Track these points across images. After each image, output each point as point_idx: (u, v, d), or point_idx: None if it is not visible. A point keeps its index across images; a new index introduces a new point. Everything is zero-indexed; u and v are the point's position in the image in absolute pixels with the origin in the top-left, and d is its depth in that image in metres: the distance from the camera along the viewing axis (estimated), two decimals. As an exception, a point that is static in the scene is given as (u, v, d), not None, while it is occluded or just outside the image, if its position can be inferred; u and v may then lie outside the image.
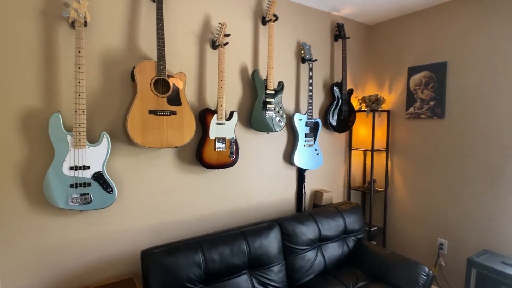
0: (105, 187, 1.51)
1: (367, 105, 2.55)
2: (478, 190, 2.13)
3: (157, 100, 1.59)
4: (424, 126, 2.42)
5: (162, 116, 1.60)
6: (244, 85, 2.05)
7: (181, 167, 1.82)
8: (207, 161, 1.81)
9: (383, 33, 2.71)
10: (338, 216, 2.21)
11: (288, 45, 2.26)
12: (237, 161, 1.94)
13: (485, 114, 2.08)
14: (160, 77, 1.59)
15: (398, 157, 2.63)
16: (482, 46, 2.09)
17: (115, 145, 1.61)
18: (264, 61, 2.14)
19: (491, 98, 2.05)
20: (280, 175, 2.29)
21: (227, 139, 1.88)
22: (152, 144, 1.58)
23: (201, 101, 1.87)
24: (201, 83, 1.87)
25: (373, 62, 2.80)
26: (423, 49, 2.41)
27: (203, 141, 1.80)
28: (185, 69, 1.81)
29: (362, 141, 2.69)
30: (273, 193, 2.27)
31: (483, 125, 2.09)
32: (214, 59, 1.91)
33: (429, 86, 2.37)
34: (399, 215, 2.65)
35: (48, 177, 1.38)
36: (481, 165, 2.11)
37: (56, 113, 1.38)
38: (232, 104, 2.01)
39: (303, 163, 2.30)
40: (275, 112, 2.08)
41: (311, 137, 2.32)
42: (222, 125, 1.85)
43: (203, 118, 1.80)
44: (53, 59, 1.43)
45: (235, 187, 2.06)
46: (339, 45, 2.60)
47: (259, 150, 2.16)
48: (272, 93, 2.07)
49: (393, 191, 2.70)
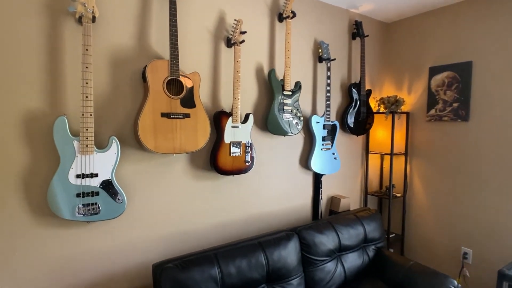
0: (114, 196, 1.39)
1: (386, 106, 2.43)
2: (506, 196, 2.01)
3: (170, 102, 1.48)
4: (447, 128, 2.29)
5: (175, 119, 1.49)
6: (260, 86, 1.93)
7: (194, 173, 1.71)
8: (222, 167, 1.70)
9: (401, 31, 2.59)
10: (357, 224, 2.09)
11: (304, 43, 2.14)
12: (252, 166, 1.82)
13: (515, 117, 1.95)
14: (173, 77, 1.48)
15: (418, 161, 2.51)
16: (510, 45, 1.96)
17: (124, 151, 1.49)
18: (280, 61, 2.02)
19: (523, 99, 1.92)
20: (296, 180, 2.17)
21: (243, 143, 1.76)
22: (165, 150, 1.46)
23: (215, 103, 1.76)
24: (215, 84, 1.75)
25: (391, 62, 2.68)
26: (445, 48, 2.29)
27: (218, 145, 1.68)
28: (199, 68, 1.69)
29: (379, 144, 2.56)
30: (289, 199, 2.15)
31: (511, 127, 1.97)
32: (229, 58, 1.79)
33: (452, 87, 2.24)
34: (418, 221, 2.53)
35: (53, 186, 1.26)
36: (509, 170, 1.98)
37: (61, 117, 1.27)
38: (247, 106, 1.89)
39: (320, 167, 2.18)
40: (292, 114, 1.97)
41: (329, 140, 2.20)
42: (237, 128, 1.73)
43: (217, 121, 1.68)
44: (58, 58, 1.32)
45: (250, 194, 1.94)
46: (357, 44, 2.48)
47: (274, 154, 2.04)
48: (289, 94, 1.95)
49: (412, 197, 2.57)
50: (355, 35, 2.41)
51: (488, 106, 2.08)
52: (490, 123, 2.07)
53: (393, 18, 2.59)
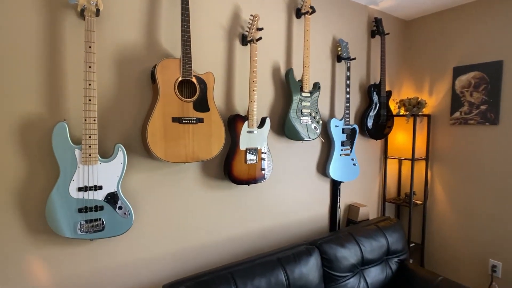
0: (120, 210, 1.25)
1: (407, 109, 2.28)
2: (542, 207, 1.86)
3: (182, 105, 1.33)
4: (473, 132, 2.15)
5: (187, 124, 1.34)
6: (276, 87, 1.79)
7: (206, 183, 1.56)
8: (237, 176, 1.55)
9: (422, 29, 2.44)
10: (380, 235, 1.94)
11: (322, 41, 1.99)
12: (269, 174, 1.68)
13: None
14: (185, 78, 1.33)
15: (440, 166, 2.36)
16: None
17: (131, 159, 1.35)
18: (298, 60, 1.87)
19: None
20: (313, 188, 2.02)
21: (259, 150, 1.61)
22: (176, 158, 1.32)
23: (229, 105, 1.61)
24: (229, 85, 1.60)
25: (410, 62, 2.53)
26: (472, 46, 2.14)
27: (233, 152, 1.54)
28: (212, 68, 1.55)
29: (398, 148, 2.42)
30: (306, 209, 2.00)
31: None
32: (244, 57, 1.65)
33: (480, 88, 2.10)
34: (440, 231, 2.38)
35: (52, 200, 1.12)
36: (546, 178, 1.84)
37: (61, 122, 1.12)
38: (262, 108, 1.74)
39: (338, 174, 2.03)
40: (310, 117, 1.82)
41: (348, 145, 2.06)
42: (253, 133, 1.59)
43: (232, 126, 1.54)
44: (57, 56, 1.18)
45: (265, 204, 1.79)
46: (376, 42, 2.33)
47: (291, 161, 1.89)
48: (308, 96, 1.80)
49: (433, 204, 2.42)
50: (374, 33, 2.26)
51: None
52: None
53: (412, 15, 2.44)
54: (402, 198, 2.51)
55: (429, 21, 2.39)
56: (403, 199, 2.48)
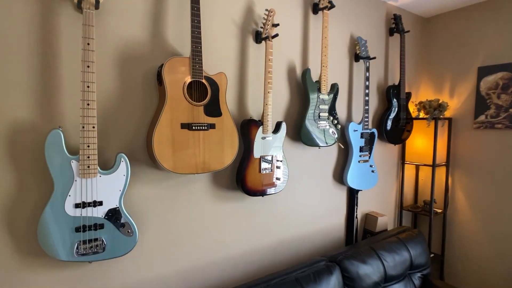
0: (123, 228, 1.11)
1: (428, 111, 2.14)
2: None
3: (192, 109, 1.19)
4: (501, 137, 2.00)
5: (197, 131, 1.20)
6: (292, 89, 1.64)
7: (217, 194, 1.42)
8: (251, 187, 1.41)
9: (442, 26, 2.30)
10: (402, 249, 1.79)
11: (339, 39, 1.85)
12: (285, 184, 1.53)
13: None
14: (195, 79, 1.19)
15: (461, 173, 2.22)
16: None
17: (135, 170, 1.21)
18: (315, 59, 1.73)
19: None
20: (329, 197, 1.88)
21: (274, 158, 1.47)
22: (186, 169, 1.17)
23: (241, 109, 1.47)
24: (241, 87, 1.46)
25: (429, 62, 2.38)
26: (499, 45, 2.00)
27: (246, 161, 1.40)
28: (223, 68, 1.41)
29: (417, 153, 2.27)
30: (322, 220, 1.86)
31: None
32: (258, 55, 1.50)
33: (508, 90, 1.95)
34: (461, 241, 2.23)
35: (45, 219, 0.98)
36: None
37: (56, 130, 0.98)
38: (277, 112, 1.60)
39: (356, 182, 1.89)
40: (328, 121, 1.68)
41: (367, 151, 1.91)
42: (268, 139, 1.44)
43: (246, 132, 1.39)
44: (51, 54, 1.03)
45: (280, 215, 1.65)
46: (394, 41, 2.19)
47: (307, 169, 1.75)
48: (326, 98, 1.66)
49: (453, 213, 2.28)
50: (393, 31, 2.12)
51: (554, 112, 1.78)
52: (557, 132, 1.77)
53: (432, 12, 2.30)
54: (421, 206, 2.36)
55: (451, 18, 2.24)
56: (422, 207, 2.33)
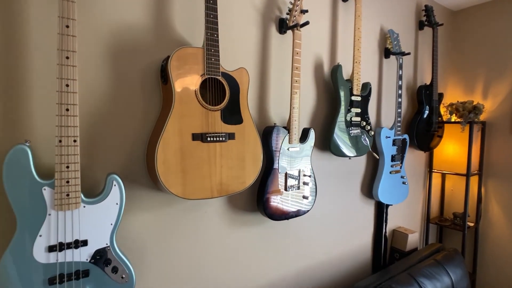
0: (115, 273, 0.83)
1: (462, 115, 1.91)
2: None
3: (207, 115, 0.92)
4: (545, 144, 1.78)
5: (213, 142, 0.93)
6: (319, 89, 1.39)
7: (232, 218, 1.15)
8: (275, 209, 1.14)
9: (473, 20, 2.07)
10: (442, 274, 1.56)
11: (369, 32, 1.60)
12: (313, 204, 1.27)
13: None
14: (211, 75, 0.92)
15: (496, 183, 1.99)
16: None
17: (131, 194, 0.93)
18: (345, 54, 1.48)
19: None
20: (356, 214, 1.63)
21: (302, 172, 1.21)
22: (199, 194, 0.90)
23: (262, 114, 1.20)
24: (262, 86, 1.20)
25: (458, 59, 2.16)
26: (543, 39, 1.78)
27: (269, 177, 1.13)
28: (243, 64, 1.14)
29: (446, 161, 2.04)
30: (349, 240, 1.60)
31: None
32: (282, 48, 1.24)
33: (555, 91, 1.73)
34: (496, 258, 2.01)
35: (4, 269, 0.70)
36: None
37: (20, 146, 0.70)
38: (302, 117, 1.34)
39: (387, 196, 1.64)
40: (361, 128, 1.42)
41: (399, 160, 1.67)
42: (295, 150, 1.18)
43: (270, 142, 1.13)
44: (16, 40, 0.75)
45: (304, 239, 1.39)
46: (424, 35, 1.95)
47: (333, 182, 1.49)
48: (359, 100, 1.40)
49: (487, 227, 2.05)
50: (423, 24, 1.88)
51: None
52: None
53: (461, 5, 2.07)
54: (450, 219, 2.13)
55: (482, 11, 2.02)
56: (451, 220, 2.10)
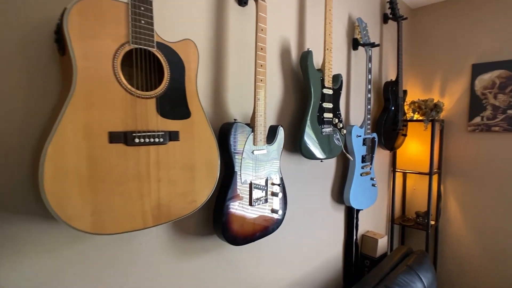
0: None
1: (424, 113, 1.86)
2: None
3: (134, 105, 0.61)
4: (498, 141, 1.82)
5: (145, 145, 0.63)
6: (286, 78, 1.16)
7: (181, 248, 0.85)
8: (238, 231, 0.88)
9: (431, 18, 2.06)
10: (415, 280, 1.44)
11: (337, 20, 1.43)
12: (284, 217, 1.04)
13: None
14: (140, 45, 0.62)
15: (454, 180, 2.00)
16: None
17: (11, 233, 0.58)
18: (314, 40, 1.27)
19: None
20: (328, 223, 1.45)
21: (270, 180, 0.97)
22: (122, 225, 0.59)
23: (218, 106, 0.93)
24: (218, 70, 0.92)
25: (417, 57, 2.14)
26: (495, 40, 1.81)
27: (229, 190, 0.86)
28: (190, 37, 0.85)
29: (410, 160, 2.00)
30: (321, 253, 1.41)
31: None
32: (242, 24, 0.98)
33: (506, 90, 1.77)
34: (455, 256, 2.02)
35: None
36: None
37: None
38: (269, 112, 1.10)
39: (359, 200, 1.49)
40: (333, 126, 1.23)
41: (369, 161, 1.53)
42: (261, 154, 0.93)
43: (229, 143, 0.86)
44: None
45: (274, 260, 1.15)
46: (389, 29, 1.87)
47: (303, 189, 1.28)
48: (330, 93, 1.21)
49: (446, 225, 2.06)
50: (387, 18, 1.79)
51: (557, 113, 1.63)
52: (561, 136, 1.63)
53: (418, 3, 2.05)
54: (413, 218, 2.10)
55: (441, 9, 2.02)
56: (414, 220, 2.07)
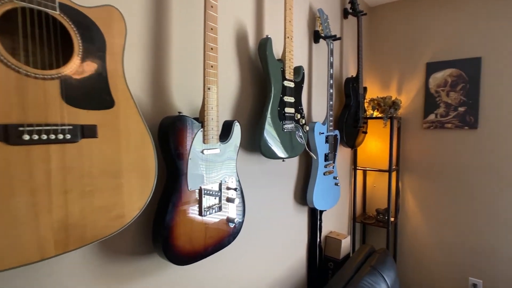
0: None
1: (383, 110, 1.87)
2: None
3: (23, 86, 0.44)
4: (451, 138, 1.89)
5: (43, 145, 0.46)
6: (242, 68, 1.03)
7: (111, 273, 0.68)
8: (184, 249, 0.73)
9: (388, 17, 2.09)
10: (379, 281, 1.41)
11: (298, 8, 1.34)
12: (241, 227, 0.91)
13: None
14: (31, 4, 0.44)
15: (411, 177, 2.05)
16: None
17: None
18: (273, 27, 1.16)
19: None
20: (291, 226, 1.35)
21: (225, 185, 0.83)
22: (8, 259, 0.41)
23: (157, 95, 0.77)
24: (158, 51, 0.76)
25: (376, 54, 2.16)
26: (448, 40, 1.88)
27: (172, 199, 0.71)
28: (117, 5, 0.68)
29: (368, 157, 2.00)
30: (284, 260, 1.31)
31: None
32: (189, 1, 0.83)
33: (457, 88, 1.84)
34: (413, 249, 2.07)
35: None
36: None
37: None
38: (223, 106, 0.96)
39: (323, 201, 1.42)
40: (295, 122, 1.14)
41: (331, 159, 1.47)
42: (213, 153, 0.79)
43: (172, 142, 0.70)
44: None
45: (230, 277, 1.01)
46: (349, 24, 1.84)
47: (264, 192, 1.17)
48: (292, 86, 1.11)
49: (404, 221, 2.10)
50: (347, 12, 1.76)
51: (502, 111, 1.73)
52: (504, 132, 1.72)
53: (378, 0, 2.06)
54: (373, 216, 2.11)
55: (398, 8, 2.05)
56: (374, 217, 2.08)
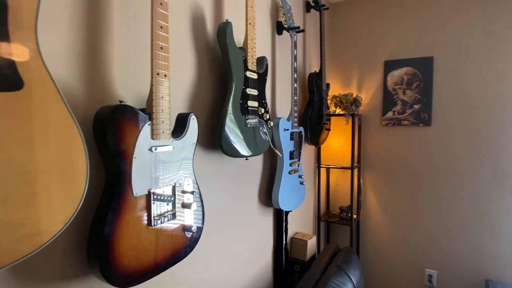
0: None
1: (345, 107, 1.88)
2: (472, 212, 1.81)
3: None
4: (407, 134, 1.96)
5: None
6: (200, 56, 0.92)
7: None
8: (130, 267, 0.60)
9: (348, 14, 2.12)
10: (345, 281, 1.39)
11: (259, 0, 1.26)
12: (199, 236, 0.79)
13: (481, 121, 1.76)
14: None
15: (371, 173, 2.10)
16: (475, 36, 1.76)
17: None
18: (234, 13, 1.06)
19: (488, 101, 1.74)
20: (255, 230, 1.27)
21: (180, 188, 0.71)
22: None
23: (93, 80, 0.63)
24: (95, 24, 0.62)
25: (338, 51, 2.17)
26: (404, 39, 1.94)
27: (111, 207, 0.57)
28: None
29: (331, 154, 2.00)
30: (248, 268, 1.22)
31: (478, 134, 1.77)
32: (130, -29, 0.70)
33: (412, 86, 1.92)
34: (374, 245, 2.12)
35: None
36: (475, 182, 1.79)
37: None
38: (177, 97, 0.84)
39: (288, 201, 1.36)
40: (259, 117, 1.05)
41: (296, 157, 1.42)
42: (165, 151, 0.67)
43: (112, 138, 0.57)
44: None
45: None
46: (311, 19, 1.81)
47: (226, 195, 1.06)
48: (255, 78, 1.02)
49: (366, 217, 2.15)
50: (310, 6, 1.73)
51: (452, 108, 1.83)
52: (456, 129, 1.83)
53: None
54: (337, 214, 2.12)
55: (357, 6, 2.08)
56: (338, 215, 2.09)
